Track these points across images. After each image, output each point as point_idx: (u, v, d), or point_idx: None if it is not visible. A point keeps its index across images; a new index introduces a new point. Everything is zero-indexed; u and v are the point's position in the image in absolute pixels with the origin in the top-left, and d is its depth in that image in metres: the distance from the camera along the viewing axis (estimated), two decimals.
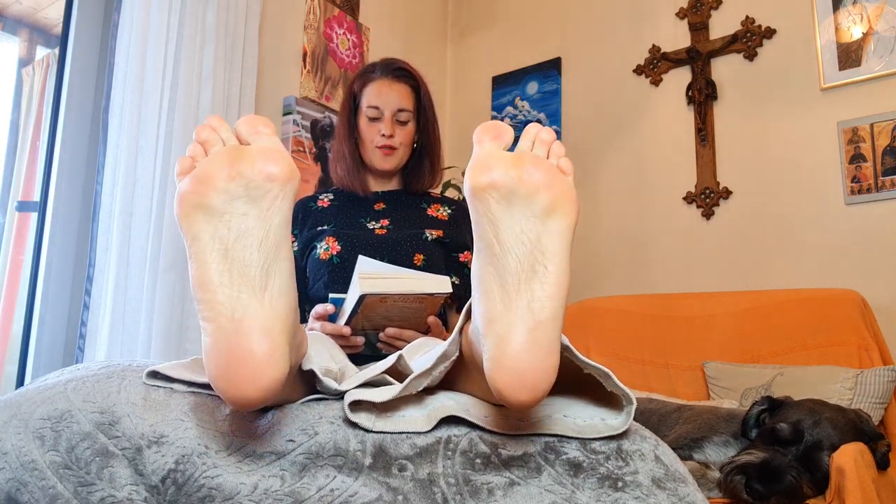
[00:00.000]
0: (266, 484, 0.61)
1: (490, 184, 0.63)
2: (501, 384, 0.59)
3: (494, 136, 0.66)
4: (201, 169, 0.64)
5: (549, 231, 0.63)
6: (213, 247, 0.62)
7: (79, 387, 0.68)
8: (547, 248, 0.62)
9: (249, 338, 0.59)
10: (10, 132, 2.04)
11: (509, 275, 0.62)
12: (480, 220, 0.64)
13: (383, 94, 1.36)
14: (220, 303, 0.60)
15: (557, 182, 0.64)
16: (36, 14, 2.15)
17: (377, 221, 1.35)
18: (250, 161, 0.64)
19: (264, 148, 0.65)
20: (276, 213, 0.64)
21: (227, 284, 0.61)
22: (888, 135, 2.02)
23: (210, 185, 0.63)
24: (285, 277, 0.64)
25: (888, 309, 1.95)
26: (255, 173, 0.63)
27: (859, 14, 2.11)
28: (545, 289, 0.61)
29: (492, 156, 0.64)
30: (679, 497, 0.63)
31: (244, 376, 0.58)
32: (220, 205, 0.63)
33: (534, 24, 2.87)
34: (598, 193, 2.58)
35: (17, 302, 1.91)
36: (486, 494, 0.62)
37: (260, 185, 0.63)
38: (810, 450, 1.24)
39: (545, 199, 0.63)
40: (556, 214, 0.63)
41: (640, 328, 2.09)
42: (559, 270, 0.62)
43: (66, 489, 0.60)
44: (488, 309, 0.62)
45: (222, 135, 0.67)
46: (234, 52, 1.95)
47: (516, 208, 0.63)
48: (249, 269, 0.62)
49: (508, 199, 0.63)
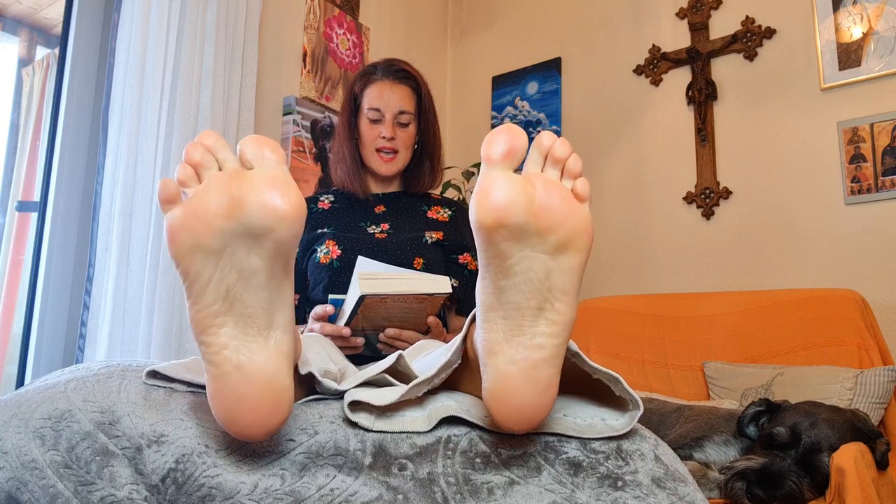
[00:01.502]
0: (266, 483, 0.61)
1: (498, 222, 0.57)
2: (498, 416, 0.61)
3: (504, 154, 0.58)
4: (196, 202, 0.56)
5: (559, 267, 0.59)
6: (212, 288, 0.57)
7: (79, 386, 0.68)
8: (556, 286, 0.59)
9: (256, 388, 0.57)
10: (10, 132, 2.05)
11: (514, 308, 0.59)
12: (487, 252, 0.59)
13: (384, 96, 1.35)
14: (224, 346, 0.57)
15: (572, 215, 0.59)
16: (36, 14, 2.15)
17: (377, 225, 1.35)
18: (251, 192, 0.55)
19: (270, 178, 0.56)
20: (282, 250, 0.57)
21: (230, 326, 0.57)
22: (888, 135, 2.02)
23: (206, 223, 0.55)
24: (289, 308, 0.60)
25: (888, 309, 1.95)
26: (257, 209, 0.55)
27: (859, 14, 2.11)
28: (550, 326, 0.59)
29: (500, 187, 0.57)
30: (679, 496, 0.63)
31: (251, 423, 0.58)
32: (220, 244, 0.56)
33: (534, 24, 2.87)
34: (599, 193, 2.58)
35: (17, 302, 1.91)
36: (486, 494, 0.62)
37: (263, 222, 0.55)
38: (809, 452, 1.24)
39: (558, 236, 0.58)
40: (569, 251, 0.59)
41: (640, 328, 2.09)
42: (566, 308, 0.60)
43: (66, 488, 0.60)
44: (490, 339, 0.61)
45: (219, 156, 0.58)
46: (234, 52, 1.96)
47: (526, 245, 0.58)
48: (253, 310, 0.58)
49: (518, 237, 0.58)
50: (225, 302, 0.57)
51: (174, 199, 0.57)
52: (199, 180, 0.57)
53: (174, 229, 0.56)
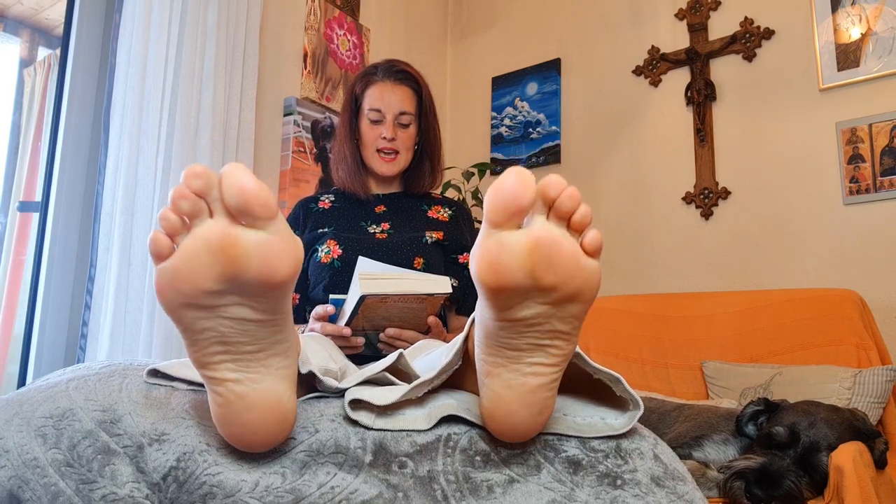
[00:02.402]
0: (267, 481, 0.61)
1: (502, 286, 0.55)
2: (494, 431, 0.63)
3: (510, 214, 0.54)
4: (185, 263, 0.52)
5: (562, 315, 0.57)
6: (207, 335, 0.55)
7: (80, 385, 0.69)
8: (558, 329, 0.58)
9: (261, 413, 0.58)
10: (11, 133, 2.05)
11: (513, 345, 0.59)
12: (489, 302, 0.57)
13: (385, 97, 1.36)
14: (226, 379, 0.57)
15: (579, 273, 0.55)
16: (37, 15, 2.16)
17: (378, 225, 1.35)
18: (246, 264, 0.52)
19: (264, 247, 0.52)
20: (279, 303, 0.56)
21: (230, 362, 0.57)
22: (886, 135, 2.03)
23: (197, 287, 0.52)
24: (287, 337, 0.60)
25: (886, 309, 1.95)
26: (251, 279, 0.53)
27: (858, 15, 2.11)
28: (548, 359, 0.60)
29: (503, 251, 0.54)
30: (678, 495, 0.64)
31: (256, 443, 0.60)
32: (212, 302, 0.54)
33: (533, 24, 2.88)
34: (598, 193, 2.59)
35: (18, 302, 1.92)
36: (486, 492, 0.62)
37: (258, 288, 0.53)
38: (807, 451, 1.24)
39: (563, 293, 0.56)
40: (574, 302, 0.57)
41: (640, 328, 2.09)
42: (567, 345, 0.60)
43: (67, 486, 0.61)
44: (487, 361, 0.61)
45: (210, 198, 0.52)
46: (234, 52, 1.96)
47: (529, 299, 0.57)
48: (252, 347, 0.57)
49: (521, 295, 0.56)
50: (221, 345, 0.56)
51: (167, 255, 0.53)
52: (189, 228, 0.53)
53: (163, 287, 0.53)
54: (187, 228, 0.53)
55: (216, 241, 0.52)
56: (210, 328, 0.55)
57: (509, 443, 0.65)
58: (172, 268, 0.52)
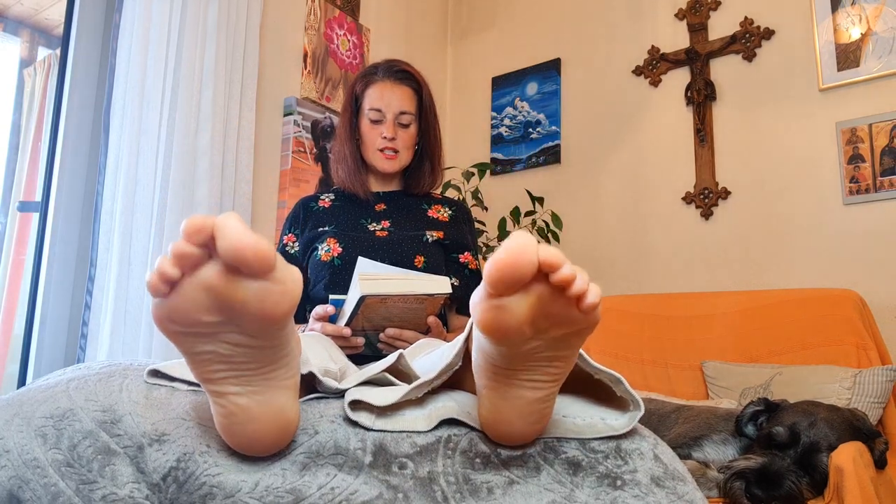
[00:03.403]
0: (267, 482, 0.61)
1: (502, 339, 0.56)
2: (492, 437, 0.65)
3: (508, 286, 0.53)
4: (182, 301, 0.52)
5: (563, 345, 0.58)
6: (206, 357, 0.56)
7: (81, 386, 0.69)
8: (559, 354, 0.59)
9: (264, 423, 0.58)
10: (11, 133, 2.05)
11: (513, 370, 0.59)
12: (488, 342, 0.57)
13: (385, 97, 1.36)
14: (228, 393, 0.58)
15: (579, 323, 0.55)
16: (37, 15, 2.16)
17: (378, 223, 1.35)
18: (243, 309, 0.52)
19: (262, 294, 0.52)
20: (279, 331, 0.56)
21: (232, 377, 0.57)
22: (886, 135, 2.03)
23: (192, 319, 0.52)
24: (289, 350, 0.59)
25: (886, 308, 1.95)
26: (248, 319, 0.53)
27: (858, 15, 2.11)
28: (548, 377, 0.60)
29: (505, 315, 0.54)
30: (678, 495, 0.64)
31: (258, 449, 0.61)
32: (209, 330, 0.54)
33: (533, 24, 2.88)
34: (598, 193, 2.59)
35: (18, 302, 1.92)
36: (486, 493, 0.62)
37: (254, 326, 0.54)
38: (808, 451, 1.24)
39: (562, 332, 0.56)
40: (573, 337, 0.57)
41: (640, 328, 2.09)
42: (565, 364, 0.60)
43: (67, 487, 0.61)
44: (487, 374, 0.61)
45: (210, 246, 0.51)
46: (234, 52, 1.96)
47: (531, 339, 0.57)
48: (254, 365, 0.57)
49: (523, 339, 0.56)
50: (222, 364, 0.56)
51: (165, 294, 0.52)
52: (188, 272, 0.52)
53: (160, 318, 0.53)
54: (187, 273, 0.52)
55: (214, 286, 0.51)
56: (210, 351, 0.56)
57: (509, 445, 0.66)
58: (170, 304, 0.52)
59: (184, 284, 0.52)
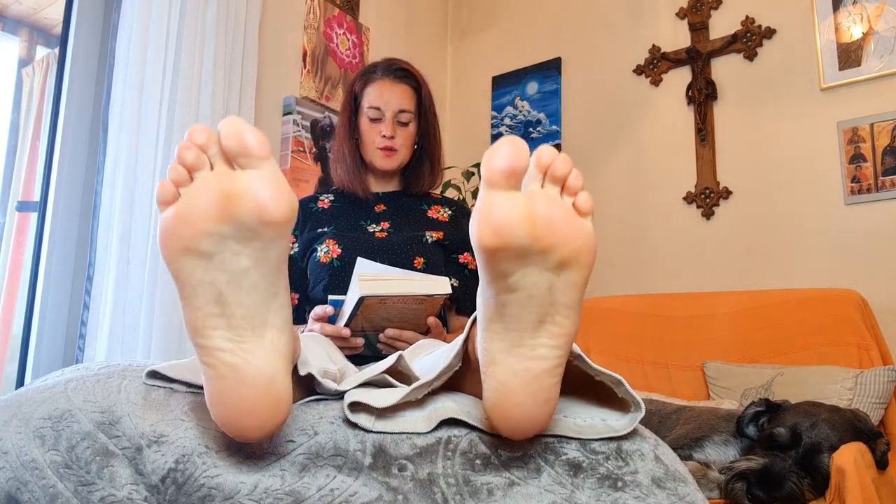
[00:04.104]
0: (266, 483, 0.61)
1: (501, 245, 0.56)
2: (498, 424, 0.61)
3: (506, 176, 0.56)
4: (186, 206, 0.56)
5: (562, 283, 0.58)
6: (204, 290, 0.57)
7: (79, 386, 0.69)
8: (558, 300, 0.59)
9: (255, 390, 0.57)
10: (10, 132, 2.05)
11: (515, 321, 0.59)
12: (489, 270, 0.59)
13: (384, 95, 1.35)
14: (219, 349, 0.57)
15: (573, 234, 0.58)
16: (36, 14, 2.15)
17: (377, 224, 1.35)
18: (242, 200, 0.55)
19: (258, 183, 0.56)
20: (274, 250, 0.58)
21: (224, 328, 0.57)
22: (888, 135, 2.02)
23: (196, 228, 0.55)
24: (284, 310, 0.60)
25: (888, 309, 1.95)
26: (248, 216, 0.55)
27: (859, 14, 2.11)
28: (552, 339, 0.59)
29: (502, 210, 0.56)
30: (679, 497, 0.63)
31: (250, 426, 0.58)
32: (210, 247, 0.56)
33: (534, 24, 2.87)
34: (598, 193, 2.58)
35: (17, 302, 1.92)
36: (486, 495, 0.62)
37: (254, 227, 0.56)
38: (809, 452, 1.24)
39: (561, 255, 0.58)
40: (572, 267, 0.58)
41: (640, 328, 2.09)
42: (569, 321, 0.59)
43: (66, 488, 0.60)
44: (490, 349, 0.60)
45: (210, 152, 0.57)
46: (234, 52, 1.96)
47: (529, 263, 0.58)
48: (246, 311, 0.57)
49: (521, 257, 0.57)
50: (217, 304, 0.57)
51: (171, 201, 0.57)
52: (192, 179, 0.57)
53: (165, 233, 0.56)
54: (191, 180, 0.57)
55: (214, 182, 0.56)
56: (207, 282, 0.56)
57: (509, 446, 0.65)
58: (175, 212, 0.56)
59: (187, 190, 0.56)
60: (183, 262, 0.56)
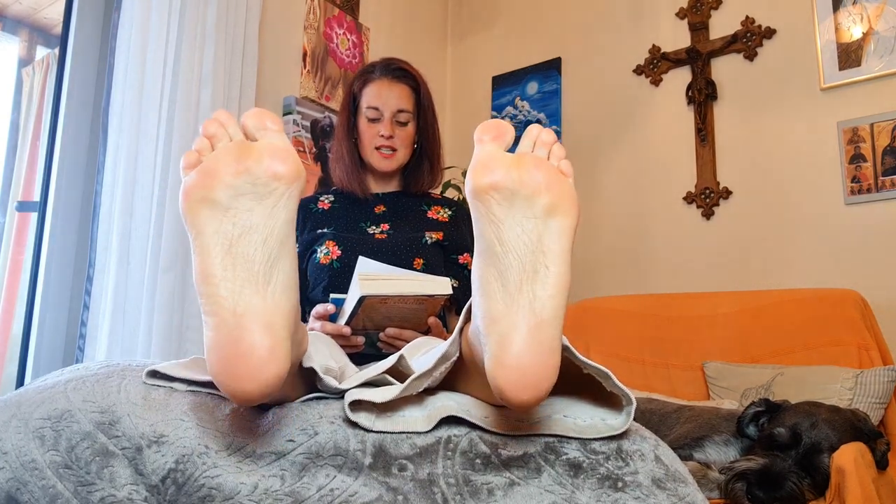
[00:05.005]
0: (266, 484, 0.61)
1: (491, 185, 0.63)
2: (503, 383, 0.59)
3: (495, 135, 0.66)
4: (207, 163, 0.64)
5: (550, 231, 0.63)
6: (216, 240, 0.62)
7: (79, 386, 0.68)
8: (548, 248, 0.63)
9: (251, 333, 0.59)
10: (10, 132, 2.05)
11: (511, 274, 0.62)
12: (482, 221, 0.64)
13: (383, 95, 1.35)
14: (223, 297, 0.60)
15: (558, 183, 0.65)
16: (36, 14, 2.15)
17: (377, 226, 1.35)
18: (257, 158, 0.63)
19: (272, 145, 0.65)
20: (282, 210, 0.64)
21: (230, 279, 0.61)
22: (888, 135, 2.02)
23: (216, 179, 0.62)
24: (288, 274, 0.64)
25: (888, 308, 1.95)
26: (261, 171, 0.63)
27: (859, 14, 2.11)
28: (546, 289, 0.61)
29: (493, 157, 0.64)
30: (679, 497, 0.63)
31: (246, 372, 0.58)
32: (226, 199, 0.63)
33: (534, 24, 2.87)
34: (598, 193, 2.58)
35: (17, 302, 1.92)
36: (486, 494, 0.62)
37: (266, 182, 0.63)
38: (809, 452, 1.24)
39: (546, 200, 0.63)
40: (558, 215, 0.64)
41: (640, 328, 2.09)
42: (560, 271, 0.62)
43: (66, 489, 0.60)
44: (490, 308, 0.62)
45: (230, 130, 0.66)
46: (234, 52, 1.95)
47: (518, 209, 0.63)
48: (252, 265, 0.62)
49: (510, 200, 0.63)
50: (227, 256, 0.62)
51: (195, 164, 0.64)
52: (213, 149, 0.65)
53: (187, 187, 0.63)
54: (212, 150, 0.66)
55: (233, 147, 0.64)
56: (220, 233, 0.62)
57: (510, 445, 0.65)
58: (199, 168, 0.64)
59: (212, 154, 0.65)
60: (200, 211, 0.62)
